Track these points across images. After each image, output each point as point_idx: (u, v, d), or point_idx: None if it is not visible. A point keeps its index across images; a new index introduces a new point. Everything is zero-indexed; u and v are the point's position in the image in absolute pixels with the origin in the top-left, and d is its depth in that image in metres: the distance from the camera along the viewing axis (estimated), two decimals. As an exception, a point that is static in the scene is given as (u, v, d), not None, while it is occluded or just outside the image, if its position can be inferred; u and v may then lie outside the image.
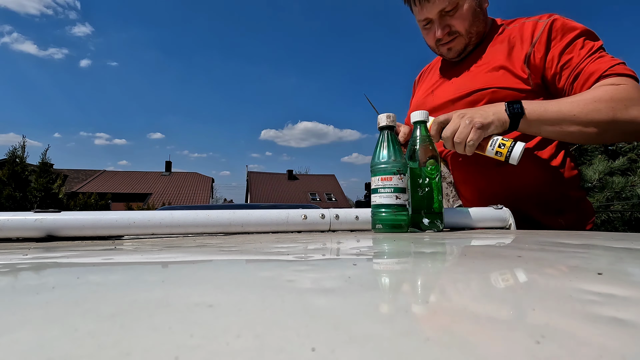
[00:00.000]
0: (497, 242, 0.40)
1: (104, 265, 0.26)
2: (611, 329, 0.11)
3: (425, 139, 0.63)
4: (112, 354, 0.09)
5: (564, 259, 0.27)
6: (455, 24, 0.82)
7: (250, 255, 0.30)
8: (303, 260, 0.26)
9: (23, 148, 6.88)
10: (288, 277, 0.20)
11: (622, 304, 0.14)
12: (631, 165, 3.45)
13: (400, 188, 0.57)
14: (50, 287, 0.18)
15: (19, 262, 0.27)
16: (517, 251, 0.31)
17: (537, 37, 0.77)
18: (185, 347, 0.10)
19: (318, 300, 0.15)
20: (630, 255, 0.28)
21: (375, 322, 0.12)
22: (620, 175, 3.41)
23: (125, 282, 0.20)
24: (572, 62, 0.73)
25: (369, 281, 0.19)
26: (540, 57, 0.76)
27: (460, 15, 0.82)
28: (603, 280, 0.18)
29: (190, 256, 0.30)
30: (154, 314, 0.13)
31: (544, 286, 0.17)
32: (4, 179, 6.28)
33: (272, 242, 0.41)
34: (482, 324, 0.12)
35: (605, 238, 0.42)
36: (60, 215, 0.50)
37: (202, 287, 0.18)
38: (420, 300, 0.15)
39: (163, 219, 0.52)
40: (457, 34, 0.84)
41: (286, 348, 0.10)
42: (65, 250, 0.36)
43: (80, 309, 0.14)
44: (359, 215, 0.62)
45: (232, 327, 0.11)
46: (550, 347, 0.10)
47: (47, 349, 0.10)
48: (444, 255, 0.30)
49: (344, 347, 0.10)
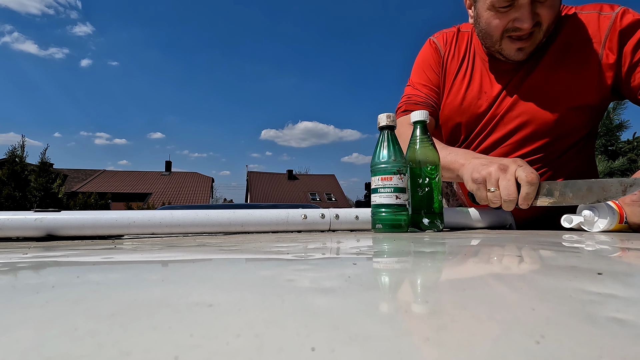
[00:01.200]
0: (497, 242, 0.40)
1: (103, 265, 0.26)
2: (611, 329, 0.11)
3: (425, 139, 0.63)
4: (111, 354, 0.09)
5: (564, 259, 0.27)
6: (544, 14, 0.65)
7: (250, 254, 0.30)
8: (303, 260, 0.26)
9: (22, 148, 6.88)
10: (288, 276, 0.20)
11: (622, 304, 0.14)
12: (631, 165, 3.45)
13: (400, 188, 0.57)
14: (50, 286, 0.18)
15: (18, 261, 0.27)
16: (516, 251, 0.31)
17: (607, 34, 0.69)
18: (185, 346, 0.10)
19: (318, 299, 0.15)
20: (630, 255, 0.28)
21: (375, 322, 0.12)
22: (620, 176, 3.41)
23: (125, 281, 0.20)
24: None
25: (369, 281, 0.19)
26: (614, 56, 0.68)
27: (552, 3, 0.65)
28: (603, 280, 0.18)
29: (190, 255, 0.30)
30: (154, 313, 0.13)
31: (543, 286, 0.17)
32: (4, 179, 6.28)
33: (272, 241, 0.41)
34: (482, 323, 0.12)
35: (604, 238, 0.42)
36: (60, 215, 0.50)
37: (202, 286, 0.18)
38: (420, 300, 0.15)
39: (163, 219, 0.52)
40: (538, 27, 0.67)
41: (286, 347, 0.10)
42: (65, 249, 0.36)
43: (80, 308, 0.14)
44: (359, 215, 0.62)
45: (232, 326, 0.11)
46: (550, 347, 0.10)
47: (46, 348, 0.10)
48: (444, 255, 0.30)
49: (343, 346, 0.10)
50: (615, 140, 3.79)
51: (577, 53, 0.72)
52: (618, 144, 3.82)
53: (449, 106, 0.85)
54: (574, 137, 0.79)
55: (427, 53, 0.90)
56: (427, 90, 0.87)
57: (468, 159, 0.67)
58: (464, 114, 0.83)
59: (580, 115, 0.76)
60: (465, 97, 0.82)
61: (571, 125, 0.77)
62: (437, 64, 0.87)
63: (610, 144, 3.80)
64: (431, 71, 0.87)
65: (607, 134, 3.72)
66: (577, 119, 0.76)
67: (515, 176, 0.57)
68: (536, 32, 0.68)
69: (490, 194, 0.59)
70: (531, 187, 0.55)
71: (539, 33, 0.68)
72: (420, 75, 0.89)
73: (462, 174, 0.67)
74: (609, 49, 0.69)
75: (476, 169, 0.62)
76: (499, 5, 0.66)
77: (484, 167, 0.61)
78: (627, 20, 0.68)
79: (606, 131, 3.70)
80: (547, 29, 0.68)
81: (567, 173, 0.81)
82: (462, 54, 0.85)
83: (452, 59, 0.86)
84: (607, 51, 0.69)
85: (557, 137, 0.78)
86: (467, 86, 0.83)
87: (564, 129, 0.77)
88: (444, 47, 0.87)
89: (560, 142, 0.79)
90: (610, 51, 0.69)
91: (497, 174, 0.58)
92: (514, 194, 0.56)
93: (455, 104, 0.84)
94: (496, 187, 0.58)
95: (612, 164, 3.43)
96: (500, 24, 0.68)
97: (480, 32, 0.75)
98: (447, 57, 0.86)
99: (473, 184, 0.62)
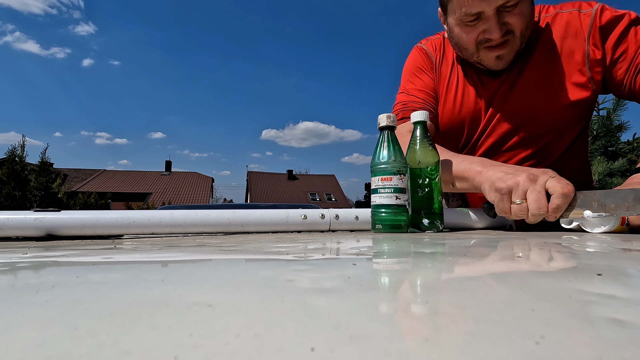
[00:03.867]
0: (497, 242, 0.40)
1: (103, 264, 0.26)
2: (611, 330, 0.11)
3: (426, 140, 0.63)
4: (111, 353, 0.09)
5: (564, 260, 0.27)
6: (514, 22, 0.66)
7: (250, 254, 0.30)
8: (303, 260, 0.26)
9: (22, 147, 6.88)
10: (288, 276, 0.20)
11: (622, 304, 0.14)
12: (631, 166, 3.45)
13: (400, 188, 0.57)
14: (50, 285, 0.18)
15: (18, 260, 0.27)
16: (516, 251, 0.31)
17: (589, 30, 0.70)
18: (185, 346, 0.10)
19: (317, 300, 0.15)
20: (630, 256, 0.28)
21: (375, 322, 0.12)
22: (620, 177, 3.41)
23: (124, 281, 0.20)
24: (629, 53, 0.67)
25: (369, 281, 0.19)
26: (600, 52, 0.69)
27: (520, 11, 0.66)
28: (603, 280, 0.18)
29: (189, 255, 0.30)
30: (154, 313, 0.13)
31: (543, 286, 0.17)
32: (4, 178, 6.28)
33: (272, 241, 0.41)
34: (482, 324, 0.12)
35: (604, 238, 0.42)
36: (60, 215, 0.50)
37: (202, 286, 0.18)
38: (420, 300, 0.15)
39: (163, 219, 0.52)
40: (512, 35, 0.68)
41: (285, 348, 0.10)
42: (65, 249, 0.36)
43: (80, 307, 0.14)
44: (359, 215, 0.62)
45: (232, 326, 0.11)
46: (549, 348, 0.10)
47: (46, 348, 0.10)
48: (444, 255, 0.30)
49: (343, 347, 0.10)
50: (615, 141, 3.80)
51: (565, 50, 0.72)
52: (618, 145, 3.82)
53: (447, 113, 0.83)
54: (571, 135, 0.80)
55: (418, 59, 0.87)
56: (423, 95, 0.83)
57: (486, 167, 0.62)
58: (461, 120, 0.82)
59: (576, 111, 0.76)
60: (463, 103, 0.81)
61: (567, 122, 0.77)
62: (430, 69, 0.85)
63: (610, 145, 3.80)
64: (426, 76, 0.85)
65: (607, 135, 3.72)
66: (573, 115, 0.76)
67: (546, 187, 0.52)
68: (511, 40, 0.69)
69: (515, 206, 0.54)
70: (565, 200, 0.51)
71: (514, 40, 0.69)
72: (414, 80, 0.86)
73: (479, 183, 0.61)
74: (593, 45, 0.70)
75: (501, 178, 0.56)
76: (466, 20, 0.68)
77: (510, 176, 0.55)
78: (605, 17, 0.69)
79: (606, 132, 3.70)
80: (522, 35, 0.68)
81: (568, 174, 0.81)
82: (451, 60, 0.84)
83: (443, 65, 0.84)
84: (592, 47, 0.70)
85: (556, 136, 0.78)
86: (462, 92, 0.81)
87: (561, 126, 0.77)
88: (434, 53, 0.86)
89: (558, 141, 0.79)
90: (595, 47, 0.70)
91: (526, 185, 0.53)
92: (545, 207, 0.51)
93: (452, 110, 0.82)
94: (523, 199, 0.53)
95: (612, 165, 3.43)
96: (471, 37, 0.70)
97: (456, 45, 0.76)
98: (438, 62, 0.85)
99: (496, 193, 0.56)
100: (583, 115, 0.78)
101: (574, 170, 0.82)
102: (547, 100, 0.74)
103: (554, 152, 0.80)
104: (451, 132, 0.85)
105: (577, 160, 0.84)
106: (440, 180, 0.62)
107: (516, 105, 0.76)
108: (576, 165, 0.83)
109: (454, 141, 0.86)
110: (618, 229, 0.53)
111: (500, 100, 0.77)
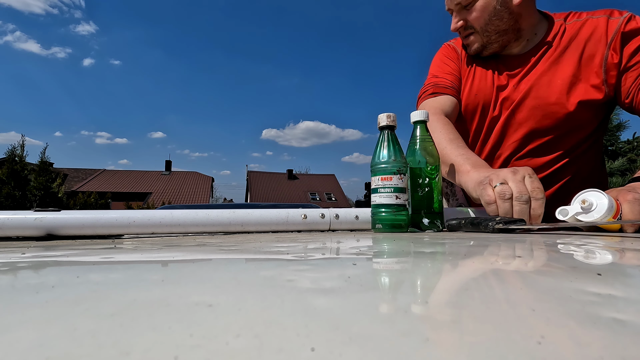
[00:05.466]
0: (497, 242, 0.40)
1: (103, 264, 0.26)
2: (611, 330, 0.11)
3: (426, 139, 0.63)
4: (111, 353, 0.09)
5: (564, 259, 0.27)
6: (470, 19, 0.83)
7: (250, 254, 0.30)
8: (303, 260, 0.26)
9: (22, 147, 6.88)
10: (288, 276, 0.20)
11: (622, 304, 0.14)
12: (630, 165, 3.45)
13: (400, 188, 0.57)
14: (50, 285, 0.18)
15: (18, 260, 0.27)
16: (516, 251, 0.31)
17: (613, 36, 0.73)
18: (185, 346, 0.10)
19: (318, 300, 0.15)
20: (630, 256, 0.28)
21: (375, 322, 0.12)
22: (619, 176, 3.41)
23: (124, 281, 0.20)
24: None
25: (369, 281, 0.19)
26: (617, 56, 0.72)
27: (474, 10, 0.82)
28: (603, 280, 0.18)
29: (190, 255, 0.30)
30: (154, 313, 0.13)
31: (543, 286, 0.17)
32: (3, 178, 6.28)
33: (272, 241, 0.41)
34: (482, 324, 0.12)
35: (604, 238, 0.42)
36: (60, 214, 0.50)
37: (202, 286, 0.18)
38: (420, 300, 0.15)
39: (163, 218, 0.52)
40: (472, 29, 0.84)
41: (285, 348, 0.10)
42: (65, 249, 0.36)
43: (80, 307, 0.14)
44: (359, 215, 0.62)
45: (232, 326, 0.11)
46: (550, 348, 0.10)
47: (46, 348, 0.10)
48: (444, 255, 0.30)
49: (343, 347, 0.10)
50: (615, 140, 3.80)
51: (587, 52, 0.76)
52: (618, 144, 3.82)
53: (464, 96, 0.93)
54: (580, 134, 0.81)
55: (445, 52, 0.98)
56: (452, 77, 0.93)
57: (475, 168, 0.65)
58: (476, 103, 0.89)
59: (586, 111, 0.78)
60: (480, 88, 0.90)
61: (577, 120, 0.79)
62: (457, 59, 0.96)
63: (610, 144, 3.81)
64: (453, 64, 0.96)
65: (606, 134, 3.72)
66: (584, 114, 0.78)
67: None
68: (474, 33, 0.85)
69: (497, 187, 0.55)
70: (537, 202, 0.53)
71: (477, 34, 0.85)
72: (442, 67, 0.96)
73: (465, 181, 0.66)
74: (613, 49, 0.73)
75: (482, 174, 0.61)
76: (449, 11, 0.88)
77: (492, 172, 0.59)
78: (630, 26, 0.72)
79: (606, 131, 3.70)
80: (485, 30, 0.82)
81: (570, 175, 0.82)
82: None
83: (467, 58, 0.95)
84: (611, 52, 0.73)
85: (564, 133, 0.80)
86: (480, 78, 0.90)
87: (570, 124, 0.79)
88: (460, 49, 0.97)
89: (566, 138, 0.81)
90: (614, 52, 0.73)
91: (506, 174, 0.56)
92: (526, 193, 0.53)
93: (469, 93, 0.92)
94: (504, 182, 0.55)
95: (611, 164, 3.43)
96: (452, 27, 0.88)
97: None
98: (463, 55, 0.96)
99: (478, 186, 0.60)
100: (594, 117, 0.80)
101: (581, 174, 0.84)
102: (560, 94, 0.78)
103: (560, 148, 0.82)
104: (467, 115, 0.92)
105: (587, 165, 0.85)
106: (440, 180, 0.62)
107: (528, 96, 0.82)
108: (584, 170, 0.85)
109: (469, 123, 0.93)
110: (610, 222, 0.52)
111: (512, 88, 0.85)
